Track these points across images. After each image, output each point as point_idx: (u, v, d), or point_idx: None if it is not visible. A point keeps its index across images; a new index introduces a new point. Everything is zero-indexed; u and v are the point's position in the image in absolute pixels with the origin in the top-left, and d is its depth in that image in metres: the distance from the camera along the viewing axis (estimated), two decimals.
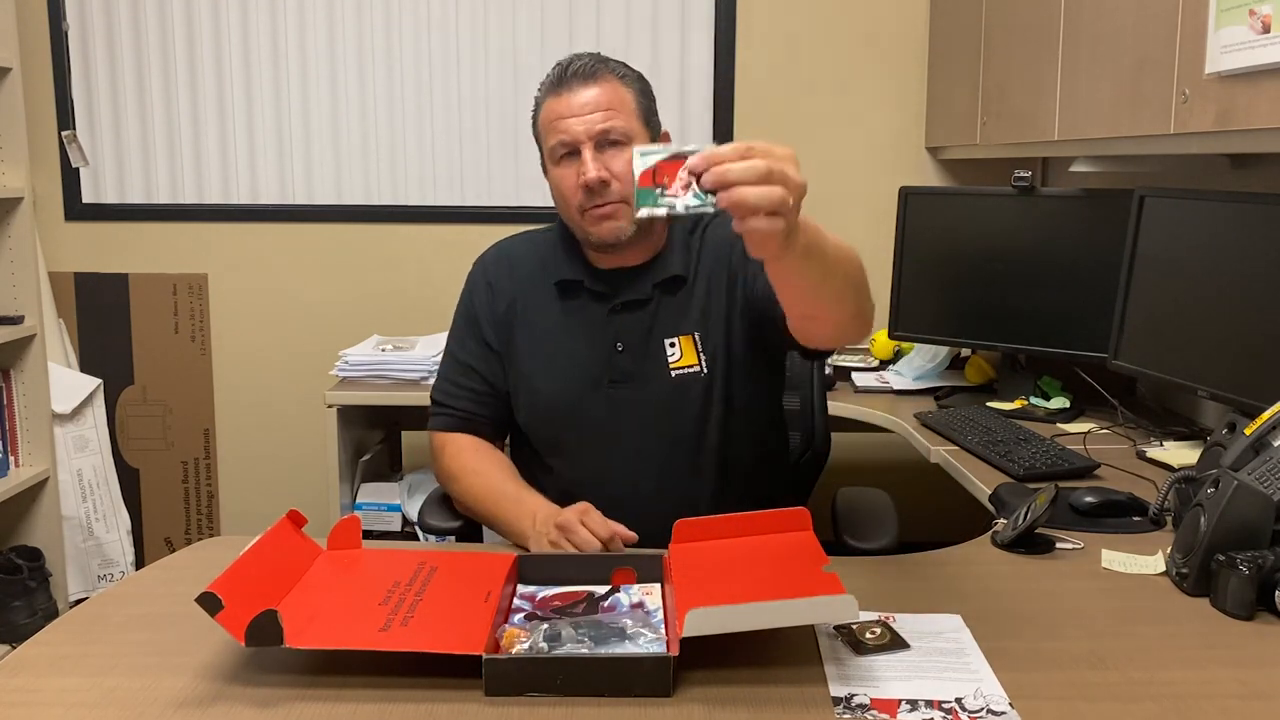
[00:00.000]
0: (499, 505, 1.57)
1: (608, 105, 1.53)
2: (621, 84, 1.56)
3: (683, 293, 1.63)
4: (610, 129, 1.52)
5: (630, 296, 1.62)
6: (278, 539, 1.26)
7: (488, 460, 1.66)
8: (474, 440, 1.70)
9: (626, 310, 1.63)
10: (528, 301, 1.68)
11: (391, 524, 2.75)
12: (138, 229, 3.12)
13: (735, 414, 1.63)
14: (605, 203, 1.54)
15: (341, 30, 3.04)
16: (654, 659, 1.07)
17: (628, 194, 1.53)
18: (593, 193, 1.53)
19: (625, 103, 1.55)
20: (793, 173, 1.07)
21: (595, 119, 1.52)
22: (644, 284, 1.62)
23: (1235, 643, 1.18)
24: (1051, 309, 2.36)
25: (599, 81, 1.54)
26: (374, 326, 3.08)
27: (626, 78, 1.58)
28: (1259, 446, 1.40)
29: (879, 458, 2.82)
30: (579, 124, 1.52)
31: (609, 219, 1.55)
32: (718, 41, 3.04)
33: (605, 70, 1.56)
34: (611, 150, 1.53)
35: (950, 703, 1.04)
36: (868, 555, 1.59)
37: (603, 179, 1.52)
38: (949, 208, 2.54)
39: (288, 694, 1.06)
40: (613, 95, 1.54)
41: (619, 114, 1.53)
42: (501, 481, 1.60)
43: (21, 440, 2.81)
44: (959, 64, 2.78)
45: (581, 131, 1.52)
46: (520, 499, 1.55)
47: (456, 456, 1.67)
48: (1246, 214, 1.85)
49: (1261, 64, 1.46)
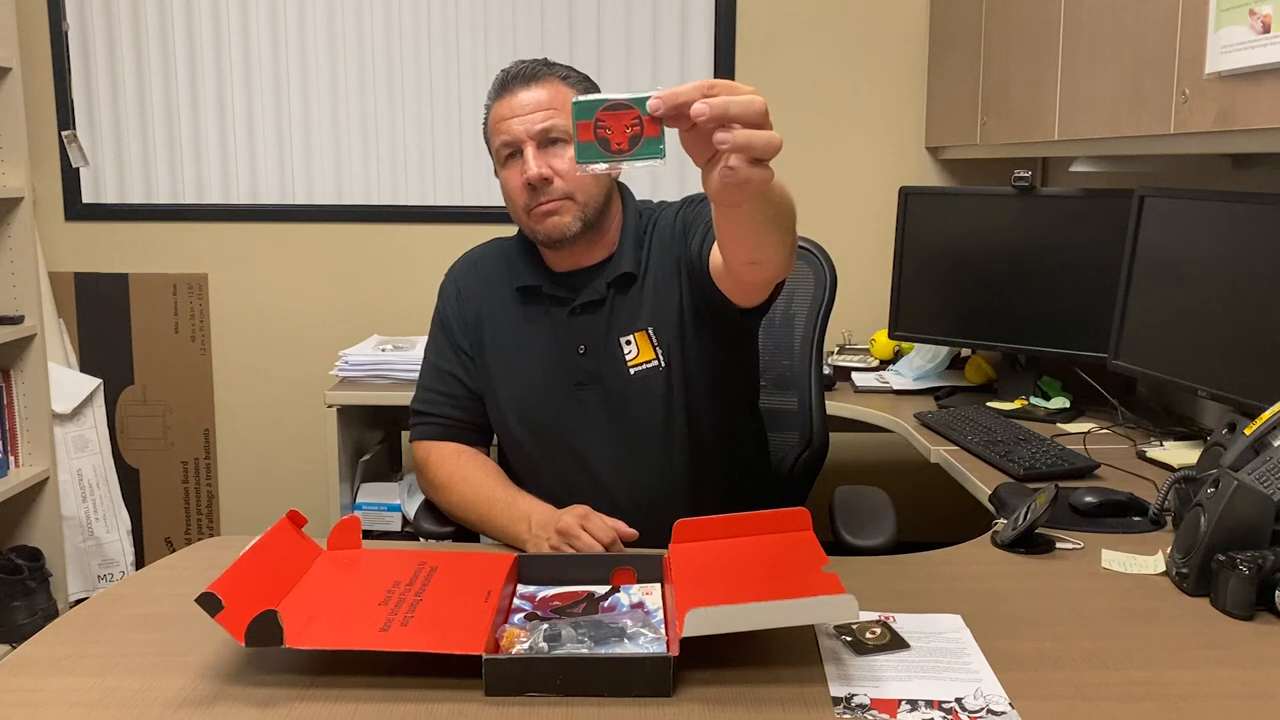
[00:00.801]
0: (491, 511, 1.56)
1: (549, 104, 1.55)
2: (564, 84, 1.58)
3: (634, 289, 1.64)
4: (552, 127, 1.54)
5: (588, 298, 1.63)
6: (278, 539, 1.26)
7: (475, 466, 1.66)
8: (458, 447, 1.69)
9: (585, 311, 1.63)
10: (493, 308, 1.69)
11: (391, 524, 2.75)
12: (138, 229, 3.12)
13: (700, 405, 1.64)
14: (549, 200, 1.55)
15: (341, 30, 3.04)
16: (654, 659, 1.07)
17: (571, 190, 1.55)
18: (535, 190, 1.54)
19: (567, 102, 1.53)
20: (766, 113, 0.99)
21: (536, 118, 1.54)
22: (599, 284, 1.63)
23: (1235, 643, 1.18)
24: (1051, 309, 2.36)
25: (540, 83, 1.56)
26: (374, 326, 3.08)
27: (570, 79, 1.60)
28: (1259, 446, 1.40)
29: (879, 458, 2.82)
30: (520, 124, 1.54)
31: (553, 215, 1.56)
32: (718, 41, 3.04)
33: (548, 72, 1.58)
34: (554, 148, 1.55)
35: (950, 703, 1.04)
36: (865, 553, 1.59)
37: (544, 176, 1.53)
38: (949, 208, 2.54)
39: (288, 694, 1.06)
40: (554, 95, 1.56)
41: (560, 113, 1.54)
42: (491, 487, 1.60)
43: (21, 440, 2.81)
44: (959, 64, 2.78)
45: (522, 131, 1.54)
46: (513, 503, 1.55)
47: (442, 465, 1.67)
48: (1246, 214, 1.85)
49: (1261, 64, 1.47)
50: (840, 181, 3.10)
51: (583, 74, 1.63)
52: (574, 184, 1.55)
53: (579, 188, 1.56)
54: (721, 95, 0.96)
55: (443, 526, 1.71)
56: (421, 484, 1.71)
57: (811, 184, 3.08)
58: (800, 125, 3.08)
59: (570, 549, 1.40)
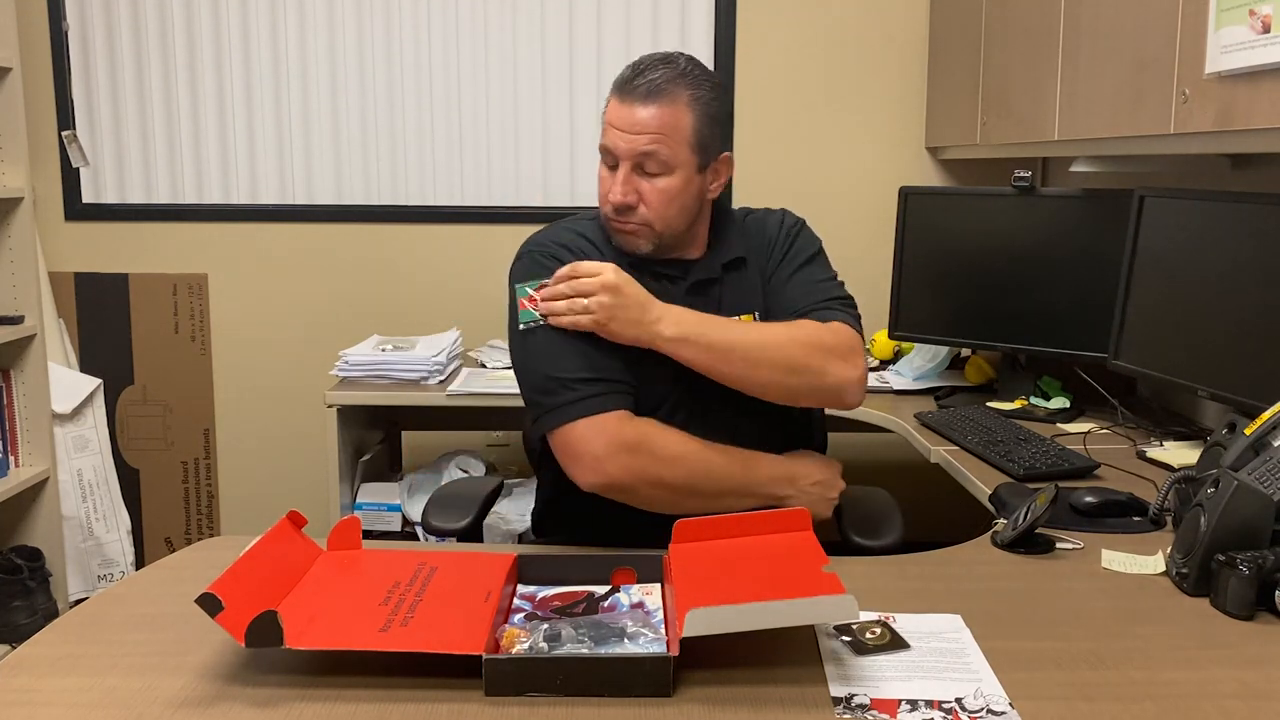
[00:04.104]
0: (749, 473, 1.51)
1: (658, 129, 1.49)
2: (685, 107, 1.50)
3: (743, 272, 1.63)
4: (652, 153, 1.49)
5: (700, 276, 1.60)
6: (278, 540, 1.26)
7: (681, 432, 1.51)
8: (642, 418, 1.51)
9: (699, 290, 1.60)
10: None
11: (391, 524, 2.75)
12: (138, 229, 3.12)
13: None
14: (628, 221, 1.54)
15: (341, 30, 3.04)
16: (654, 659, 1.07)
17: (652, 220, 1.53)
18: (616, 210, 1.53)
19: (679, 129, 1.50)
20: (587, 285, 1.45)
21: (640, 140, 1.49)
22: (713, 263, 1.61)
23: (1235, 643, 1.18)
24: (1051, 309, 2.36)
25: (660, 102, 1.49)
26: (374, 326, 3.08)
27: (695, 100, 1.51)
28: (1259, 446, 1.40)
29: (879, 458, 2.82)
30: (623, 140, 1.50)
31: (629, 235, 1.55)
32: (718, 41, 3.04)
33: (674, 89, 1.50)
34: (646, 173, 1.51)
35: (950, 703, 1.04)
36: (875, 553, 1.60)
37: (628, 204, 1.52)
38: (949, 208, 2.54)
39: (288, 694, 1.06)
40: (667, 119, 1.49)
41: (667, 141, 1.49)
42: (726, 448, 1.51)
43: (21, 440, 2.81)
44: (959, 64, 2.78)
45: (624, 149, 1.50)
46: (754, 460, 1.53)
47: (665, 434, 1.48)
48: (1246, 214, 1.85)
49: (1261, 64, 1.47)
50: (840, 181, 3.10)
51: (712, 90, 1.54)
52: (656, 213, 1.52)
53: (659, 218, 1.53)
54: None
55: (452, 523, 1.72)
56: (628, 465, 1.46)
57: (811, 184, 3.08)
58: (800, 125, 3.08)
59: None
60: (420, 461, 3.04)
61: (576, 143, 3.07)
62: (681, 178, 1.52)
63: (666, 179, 1.51)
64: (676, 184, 1.52)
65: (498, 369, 2.74)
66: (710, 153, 1.55)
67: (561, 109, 3.07)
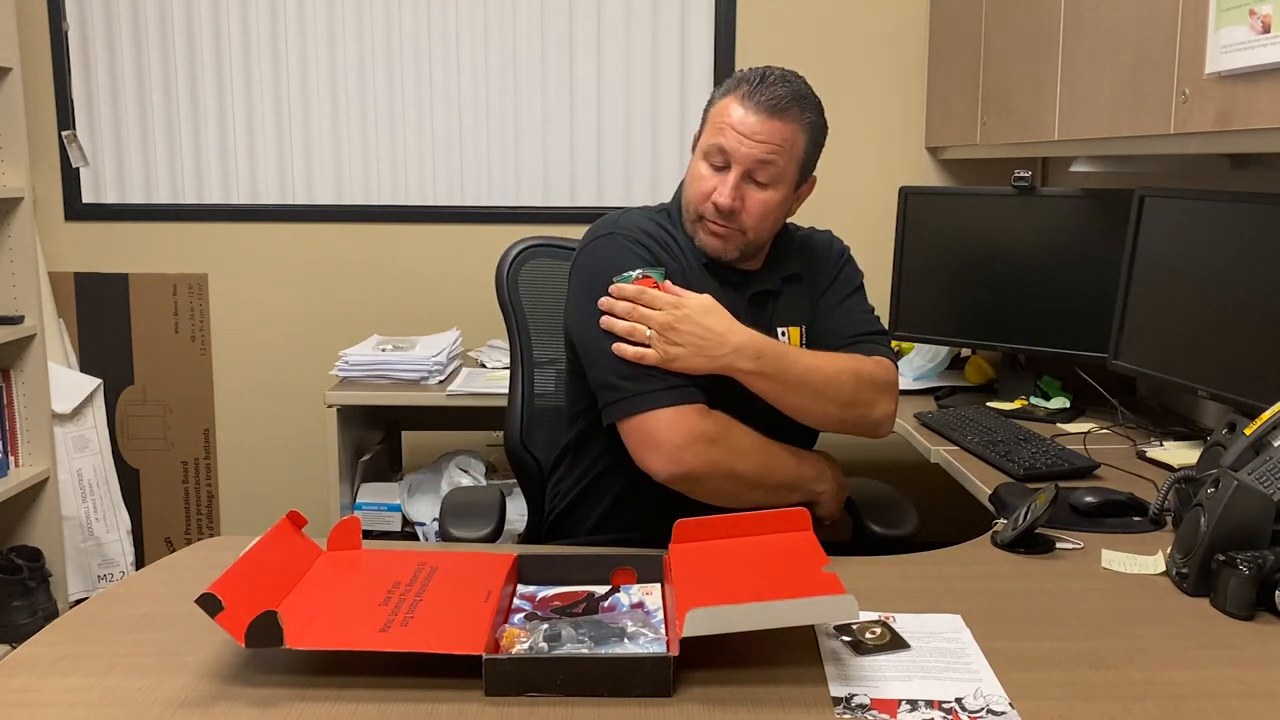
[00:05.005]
0: (799, 467, 1.57)
1: (778, 143, 1.52)
2: (801, 131, 1.55)
3: (799, 286, 1.66)
4: (767, 163, 1.51)
5: (762, 286, 1.63)
6: (278, 540, 1.26)
7: (747, 427, 1.54)
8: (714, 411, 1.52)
9: (758, 300, 1.63)
10: (687, 277, 1.58)
11: (391, 524, 2.74)
12: (138, 229, 3.12)
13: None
14: (724, 225, 1.54)
15: (341, 30, 3.04)
16: (654, 659, 1.07)
17: (747, 227, 1.55)
18: (718, 212, 1.53)
19: (794, 149, 1.54)
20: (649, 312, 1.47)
21: (760, 149, 1.51)
22: (774, 276, 1.64)
23: (1235, 643, 1.18)
24: (1051, 309, 2.36)
25: (785, 118, 1.52)
26: (374, 326, 3.08)
27: (811, 125, 1.56)
28: (1259, 446, 1.40)
29: (879, 457, 2.81)
30: (743, 145, 1.51)
31: (720, 239, 1.56)
32: (718, 42, 3.04)
33: (796, 111, 1.54)
34: (755, 183, 1.53)
35: (950, 703, 1.04)
36: (899, 542, 1.64)
37: (733, 209, 1.53)
38: (949, 208, 2.54)
39: (288, 694, 1.06)
40: (788, 135, 1.53)
41: (782, 156, 1.52)
42: (782, 445, 1.56)
43: (21, 440, 2.81)
44: (959, 64, 2.78)
45: (743, 154, 1.51)
46: (802, 457, 1.59)
47: (737, 429, 1.50)
48: (1246, 214, 1.85)
49: (1261, 64, 1.47)
50: (840, 181, 3.09)
51: (821, 118, 1.60)
52: (753, 222, 1.54)
53: (754, 228, 1.55)
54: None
55: (475, 531, 1.71)
56: (706, 456, 1.46)
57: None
58: None
59: None
60: (420, 461, 3.04)
61: (577, 143, 3.07)
62: (783, 193, 1.56)
63: (771, 191, 1.54)
64: (777, 198, 1.55)
65: (497, 369, 2.74)
66: (807, 173, 1.61)
67: (561, 109, 3.07)
